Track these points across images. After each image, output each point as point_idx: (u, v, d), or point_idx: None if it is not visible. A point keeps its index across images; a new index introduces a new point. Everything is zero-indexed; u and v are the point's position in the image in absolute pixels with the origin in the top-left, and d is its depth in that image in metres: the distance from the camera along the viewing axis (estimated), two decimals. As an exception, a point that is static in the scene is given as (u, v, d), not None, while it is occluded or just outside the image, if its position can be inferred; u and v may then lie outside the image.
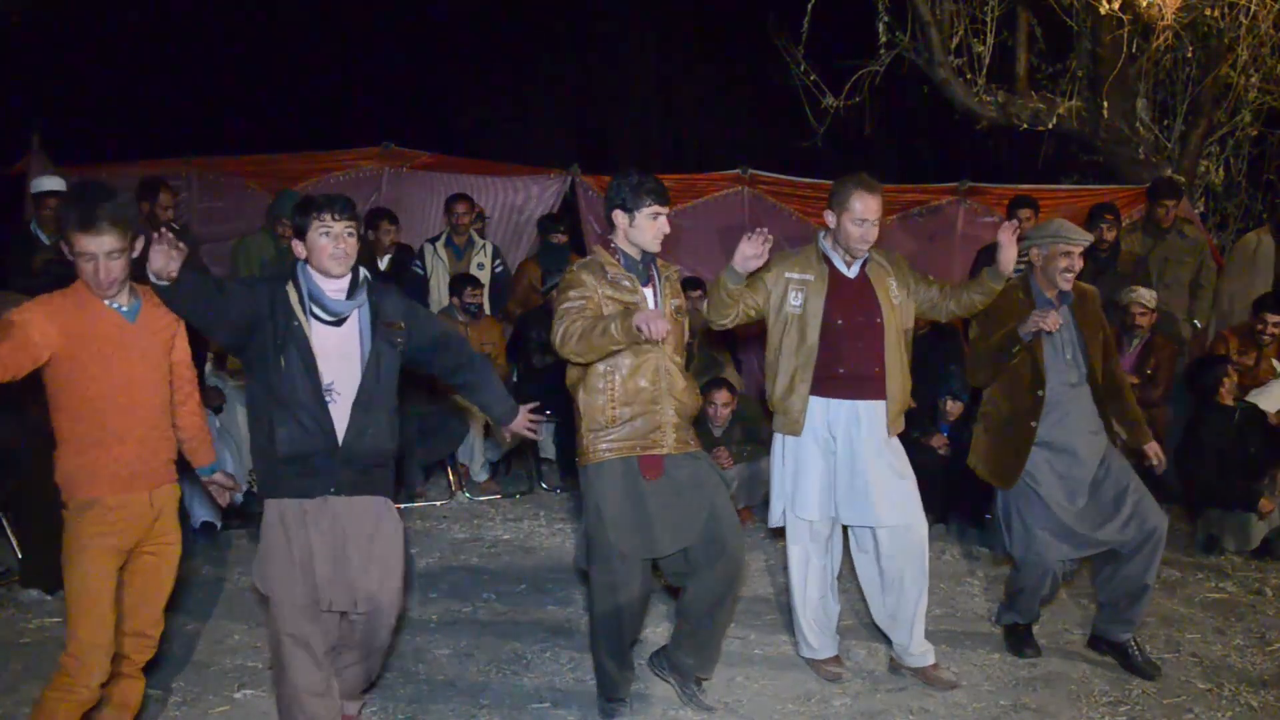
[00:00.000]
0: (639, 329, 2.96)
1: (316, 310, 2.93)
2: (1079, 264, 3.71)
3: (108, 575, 2.80)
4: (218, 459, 3.20)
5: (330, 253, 2.90)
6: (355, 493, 2.95)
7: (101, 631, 2.77)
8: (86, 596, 2.76)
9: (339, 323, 2.96)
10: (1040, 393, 3.71)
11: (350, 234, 2.94)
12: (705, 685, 3.56)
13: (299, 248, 2.95)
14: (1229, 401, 5.27)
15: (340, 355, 2.94)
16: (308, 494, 2.91)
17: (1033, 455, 3.74)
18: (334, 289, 2.96)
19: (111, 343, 2.78)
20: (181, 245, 2.72)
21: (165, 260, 2.68)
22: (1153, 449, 3.86)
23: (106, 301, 2.79)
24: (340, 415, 2.92)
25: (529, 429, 3.37)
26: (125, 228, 2.73)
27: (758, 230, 3.34)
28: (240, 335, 2.92)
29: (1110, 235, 5.89)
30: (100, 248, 2.69)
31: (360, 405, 2.94)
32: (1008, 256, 3.56)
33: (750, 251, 3.32)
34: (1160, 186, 6.43)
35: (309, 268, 2.96)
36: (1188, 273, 6.31)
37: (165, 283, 2.72)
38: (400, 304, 3.11)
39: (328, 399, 2.90)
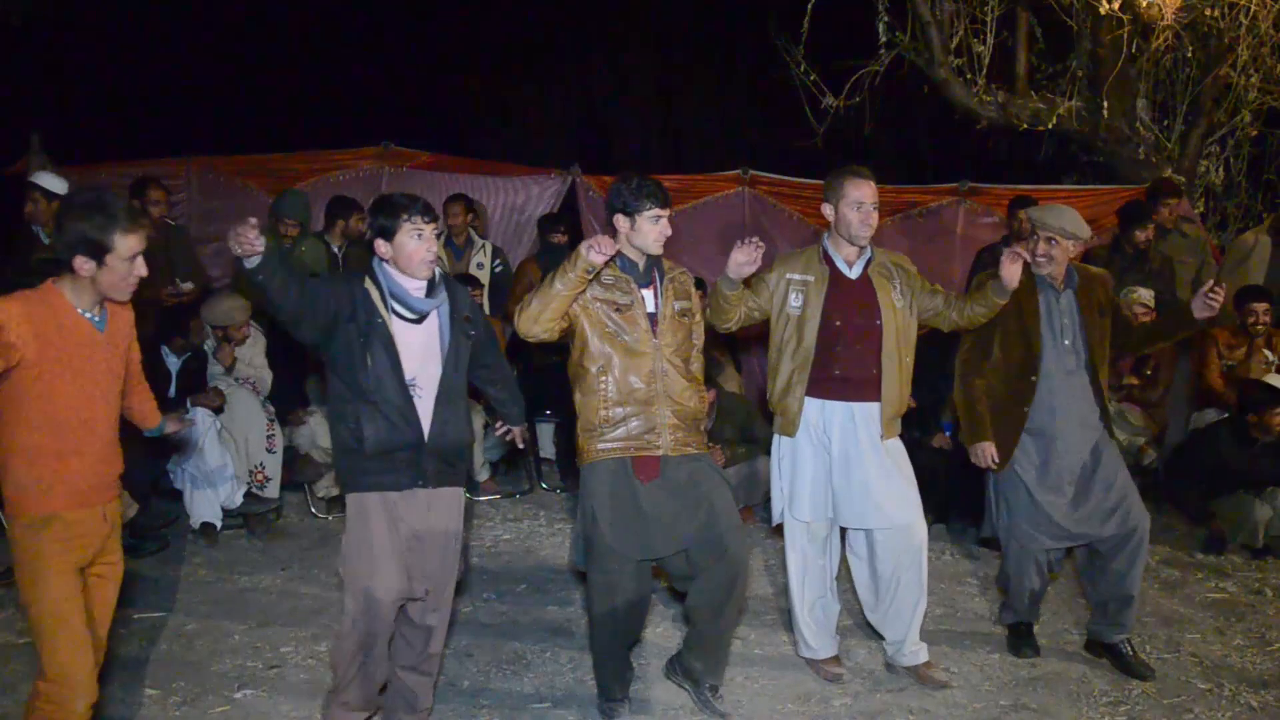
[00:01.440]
0: (589, 256, 2.99)
1: (398, 308, 2.97)
2: (1056, 253, 3.70)
3: (76, 593, 2.68)
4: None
5: (422, 256, 2.95)
6: (440, 484, 3.05)
7: (81, 652, 2.64)
8: (58, 618, 2.63)
9: (420, 320, 3.01)
10: (1033, 378, 3.72)
11: (437, 234, 3.02)
12: (735, 692, 3.53)
13: (383, 248, 2.96)
14: (1258, 435, 5.26)
15: (422, 351, 3.00)
16: (396, 487, 2.98)
17: (1021, 441, 3.76)
18: (414, 287, 3.00)
19: (81, 354, 2.67)
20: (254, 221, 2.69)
21: (254, 234, 2.65)
22: (1199, 300, 3.59)
23: (79, 309, 2.67)
24: (425, 409, 2.99)
25: (522, 436, 3.56)
26: (147, 220, 2.73)
27: (749, 239, 3.35)
28: (324, 332, 2.94)
29: (1143, 236, 5.87)
30: (144, 243, 2.66)
31: (442, 399, 3.02)
32: (1010, 274, 3.52)
33: (742, 259, 3.33)
34: (1161, 186, 6.44)
35: (386, 266, 2.98)
36: (1189, 272, 6.31)
37: (257, 260, 2.69)
38: (469, 301, 3.19)
39: (413, 392, 2.97)
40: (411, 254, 2.94)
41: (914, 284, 3.68)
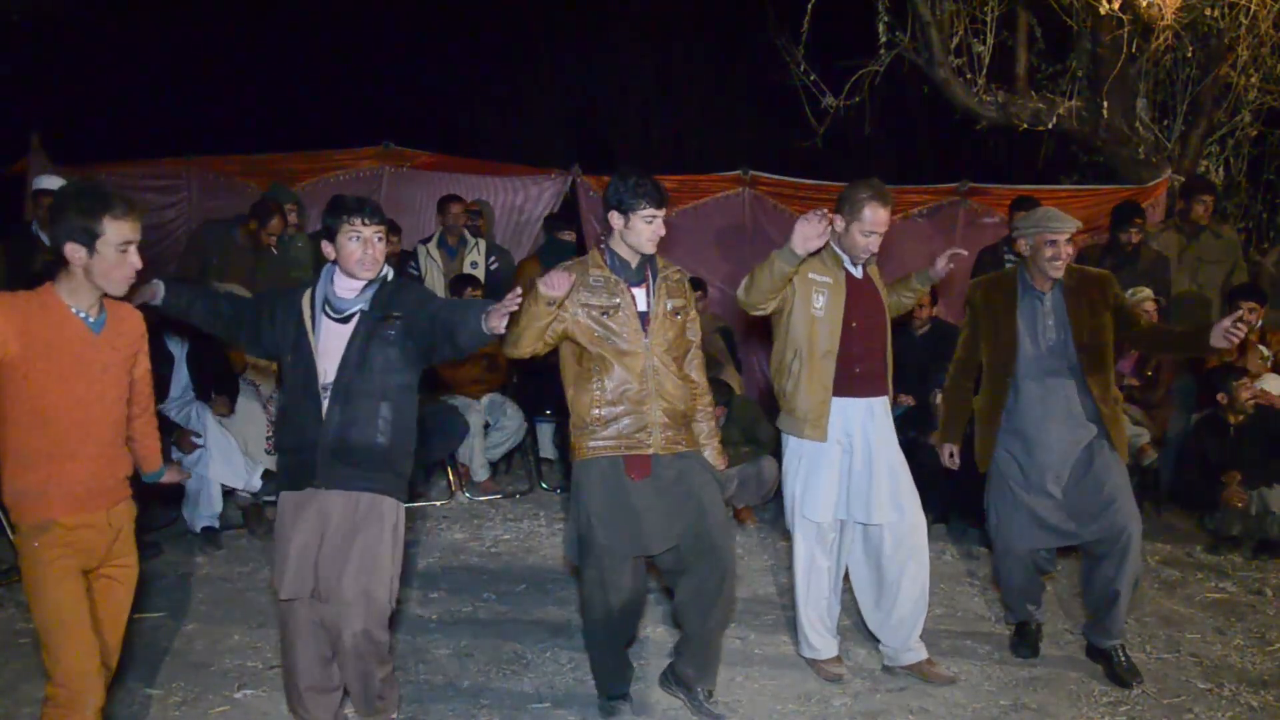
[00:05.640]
0: (545, 292, 2.96)
1: (327, 308, 3.00)
2: (1067, 251, 3.67)
3: (79, 596, 2.64)
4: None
5: (358, 258, 2.96)
6: (342, 487, 2.97)
7: (88, 655, 2.62)
8: (62, 622, 2.61)
9: (345, 319, 3.01)
10: (1008, 380, 3.75)
11: (379, 239, 2.99)
12: (715, 695, 3.50)
13: (328, 249, 2.99)
14: (1232, 419, 5.27)
15: (338, 351, 2.99)
16: (298, 486, 3.00)
17: (1006, 442, 3.78)
18: (348, 287, 3.01)
19: (72, 354, 2.61)
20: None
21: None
22: (1217, 330, 3.41)
23: (73, 310, 2.63)
24: (326, 409, 2.97)
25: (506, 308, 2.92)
26: (141, 211, 2.71)
27: (815, 211, 3.30)
28: (256, 343, 3.10)
29: (1137, 238, 5.89)
30: (136, 234, 2.62)
31: (339, 397, 2.95)
32: (941, 265, 3.78)
33: (812, 231, 3.25)
34: (1195, 183, 6.45)
35: (334, 269, 3.02)
36: (1221, 273, 6.30)
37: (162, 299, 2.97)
38: (411, 298, 3.08)
39: (323, 394, 2.96)
40: (349, 255, 2.96)
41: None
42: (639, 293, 3.28)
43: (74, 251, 2.57)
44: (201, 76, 11.64)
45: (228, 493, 5.10)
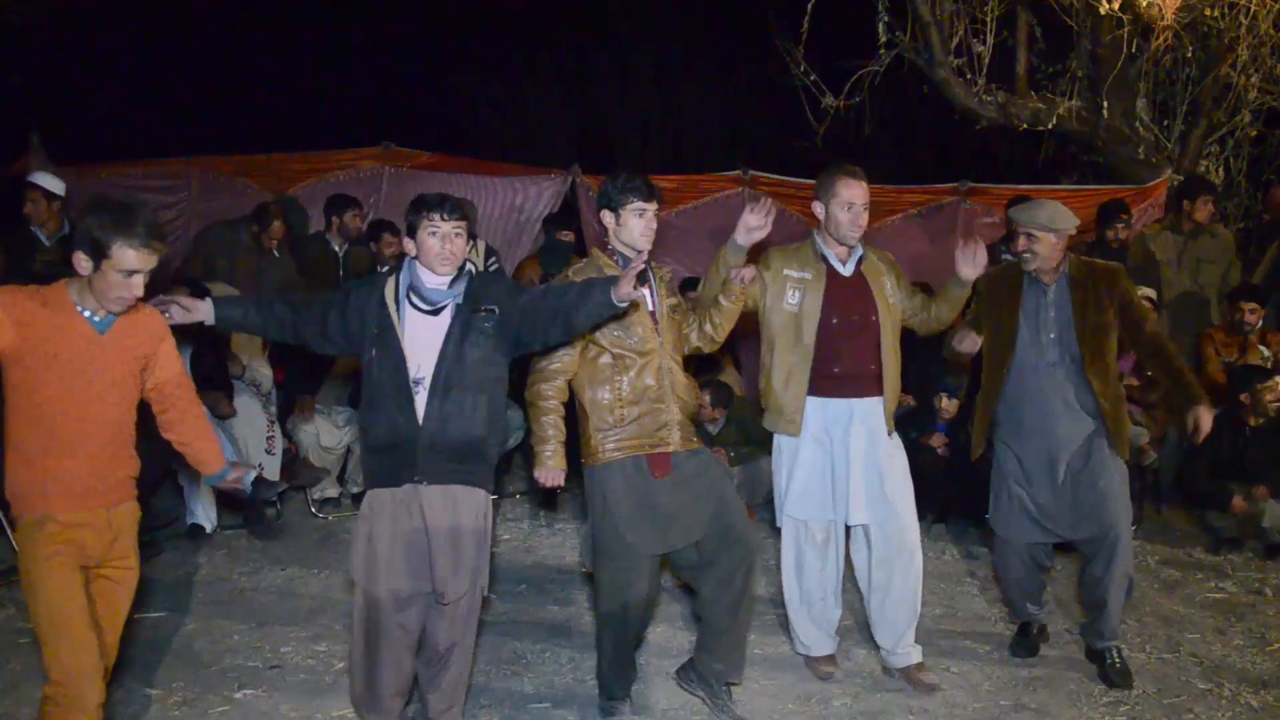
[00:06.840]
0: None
1: (415, 300, 3.01)
2: (1040, 249, 3.64)
3: (76, 592, 2.63)
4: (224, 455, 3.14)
5: (437, 252, 2.98)
6: (442, 481, 2.98)
7: (85, 652, 2.60)
8: (58, 619, 2.60)
9: (435, 312, 3.02)
10: (1005, 372, 3.74)
11: (459, 234, 3.01)
12: (735, 693, 3.49)
13: (409, 245, 3.03)
14: (1251, 420, 5.27)
15: (430, 344, 2.99)
16: (395, 483, 2.98)
17: (1004, 434, 3.78)
18: (436, 281, 3.03)
19: (72, 350, 2.61)
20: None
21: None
22: (1196, 414, 3.60)
23: (79, 308, 2.64)
24: (423, 403, 2.97)
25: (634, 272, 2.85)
26: (164, 245, 2.68)
27: (762, 200, 3.37)
28: (334, 343, 3.10)
29: (1124, 234, 5.93)
30: (146, 265, 2.61)
31: (437, 392, 2.96)
32: (966, 271, 3.63)
33: (754, 223, 3.35)
34: (1197, 184, 6.45)
35: (415, 263, 3.04)
36: (1219, 272, 6.31)
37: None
38: (501, 289, 3.11)
39: (415, 389, 2.96)
40: (427, 250, 2.99)
41: (902, 282, 3.73)
42: (645, 292, 3.29)
43: (81, 261, 2.59)
44: (201, 76, 11.65)
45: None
